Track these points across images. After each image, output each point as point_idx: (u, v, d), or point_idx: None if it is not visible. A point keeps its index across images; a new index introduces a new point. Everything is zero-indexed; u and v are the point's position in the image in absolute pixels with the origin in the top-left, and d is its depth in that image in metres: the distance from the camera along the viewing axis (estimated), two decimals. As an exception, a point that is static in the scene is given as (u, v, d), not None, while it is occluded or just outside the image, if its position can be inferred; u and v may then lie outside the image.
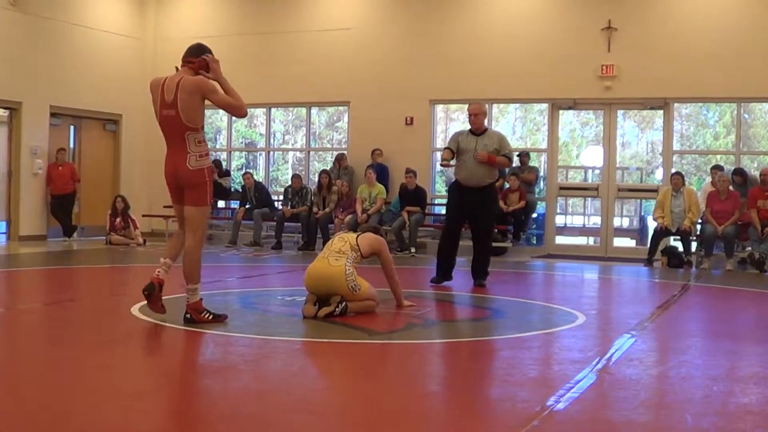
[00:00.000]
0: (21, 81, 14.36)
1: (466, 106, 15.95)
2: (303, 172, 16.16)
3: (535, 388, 4.35)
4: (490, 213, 8.79)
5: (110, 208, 14.63)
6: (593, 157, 16.30)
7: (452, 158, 8.61)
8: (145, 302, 6.10)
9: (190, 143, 5.91)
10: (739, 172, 12.72)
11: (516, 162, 14.79)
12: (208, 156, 6.05)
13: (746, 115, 15.68)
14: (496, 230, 13.26)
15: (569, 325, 6.29)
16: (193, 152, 5.92)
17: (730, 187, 12.24)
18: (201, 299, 6.00)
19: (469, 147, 8.54)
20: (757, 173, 12.63)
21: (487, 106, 9.06)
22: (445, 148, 8.78)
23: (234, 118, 17.49)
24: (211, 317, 5.94)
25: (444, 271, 8.72)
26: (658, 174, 15.44)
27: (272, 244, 14.22)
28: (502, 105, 16.39)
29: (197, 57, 6.04)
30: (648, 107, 14.27)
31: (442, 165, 9.11)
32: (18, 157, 14.50)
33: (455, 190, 8.81)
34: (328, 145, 18.22)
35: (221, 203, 16.77)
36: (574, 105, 14.55)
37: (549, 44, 14.17)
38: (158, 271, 6.05)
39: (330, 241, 6.75)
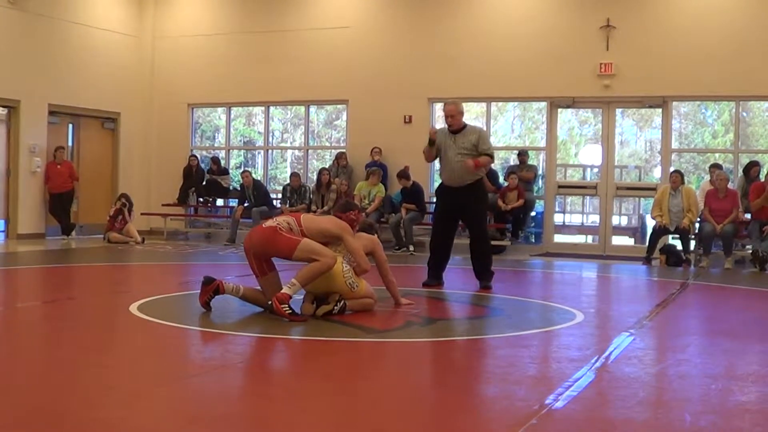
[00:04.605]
0: (19, 79, 14.35)
1: (465, 104, 16.01)
2: (301, 171, 16.16)
3: (534, 387, 4.35)
4: (479, 210, 8.52)
5: (113, 206, 14.68)
6: (592, 155, 16.29)
7: (432, 146, 8.43)
8: (144, 300, 6.09)
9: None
10: None
11: (515, 160, 14.81)
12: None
13: (744, 114, 15.68)
14: (494, 228, 13.35)
15: (568, 324, 6.30)
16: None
17: (729, 185, 12.25)
18: (291, 297, 6.02)
19: (447, 145, 8.36)
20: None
21: (464, 104, 8.82)
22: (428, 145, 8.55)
23: (233, 116, 17.58)
24: (289, 312, 5.96)
25: (435, 273, 8.59)
26: (657, 172, 15.45)
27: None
28: (500, 103, 16.41)
29: (344, 213, 6.72)
30: (646, 105, 14.28)
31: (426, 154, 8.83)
32: (16, 156, 14.49)
33: (440, 190, 8.69)
34: (327, 144, 18.20)
35: (220, 202, 16.79)
36: (572, 103, 14.55)
37: (547, 43, 14.17)
38: (228, 281, 6.43)
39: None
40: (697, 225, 12.35)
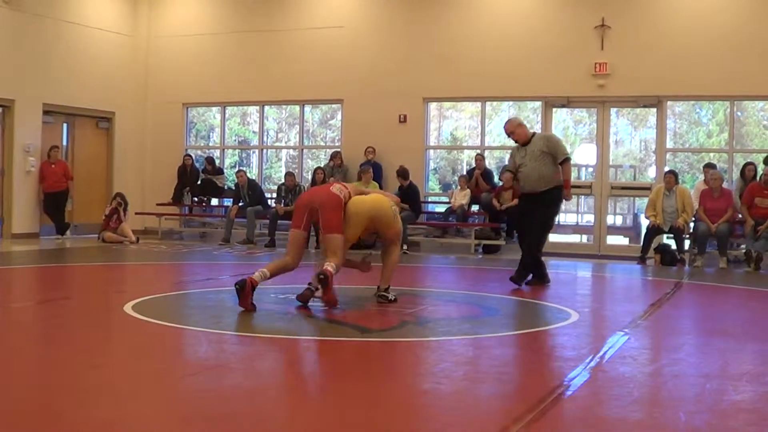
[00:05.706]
0: (14, 79, 14.31)
1: (460, 104, 16.09)
2: (296, 170, 16.15)
3: (529, 386, 4.36)
4: (543, 215, 8.69)
5: (109, 205, 14.65)
6: (586, 155, 16.28)
7: (513, 179, 8.89)
8: (139, 300, 6.08)
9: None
10: None
11: (510, 160, 14.79)
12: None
13: (739, 113, 15.70)
14: (489, 228, 13.36)
15: (563, 323, 6.30)
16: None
17: (723, 185, 12.27)
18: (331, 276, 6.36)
19: (521, 157, 8.71)
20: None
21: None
22: (507, 171, 9.11)
23: (227, 116, 17.55)
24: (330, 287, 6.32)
25: (536, 274, 8.85)
26: (651, 172, 15.46)
27: (265, 242, 14.21)
28: (495, 103, 16.40)
29: None
30: (641, 105, 14.29)
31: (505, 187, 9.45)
32: (11, 155, 14.46)
33: (521, 198, 9.15)
34: (322, 143, 18.19)
35: (214, 201, 16.77)
36: (567, 103, 14.57)
37: (542, 42, 14.18)
38: (254, 274, 6.45)
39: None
40: (691, 224, 12.37)
